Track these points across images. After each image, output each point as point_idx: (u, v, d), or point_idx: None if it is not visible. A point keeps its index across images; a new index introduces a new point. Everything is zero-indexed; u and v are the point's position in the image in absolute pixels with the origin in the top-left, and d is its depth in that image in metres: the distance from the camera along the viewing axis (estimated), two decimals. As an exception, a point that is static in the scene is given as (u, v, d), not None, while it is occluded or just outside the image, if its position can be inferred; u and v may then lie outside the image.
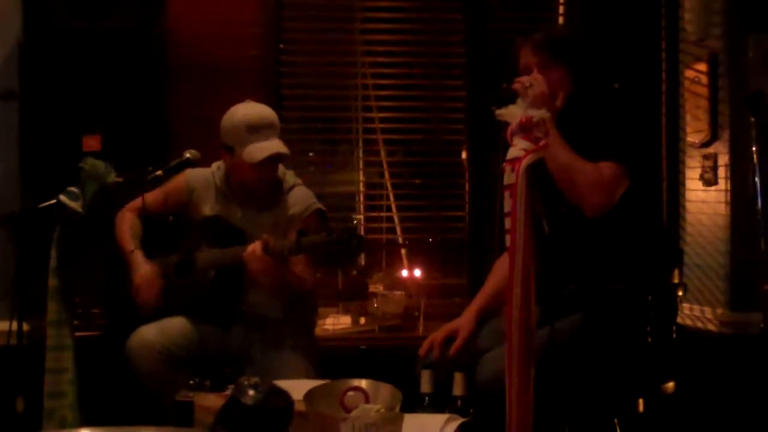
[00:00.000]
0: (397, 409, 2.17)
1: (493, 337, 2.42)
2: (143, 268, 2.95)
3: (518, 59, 2.53)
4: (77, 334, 2.90)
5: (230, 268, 2.84)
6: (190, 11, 3.98)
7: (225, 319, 2.95)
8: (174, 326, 2.90)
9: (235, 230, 2.90)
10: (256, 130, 2.89)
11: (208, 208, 3.03)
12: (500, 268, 2.61)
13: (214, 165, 3.08)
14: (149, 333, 2.85)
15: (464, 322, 2.56)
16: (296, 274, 2.85)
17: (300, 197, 3.01)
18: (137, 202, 3.00)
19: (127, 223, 3.04)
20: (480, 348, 2.46)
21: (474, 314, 2.57)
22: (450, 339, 2.53)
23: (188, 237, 3.01)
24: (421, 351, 2.56)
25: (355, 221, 2.70)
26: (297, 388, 2.30)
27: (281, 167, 3.08)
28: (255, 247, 2.71)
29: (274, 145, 2.88)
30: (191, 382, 2.39)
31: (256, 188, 2.98)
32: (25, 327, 2.86)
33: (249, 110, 2.94)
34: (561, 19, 4.23)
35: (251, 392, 1.84)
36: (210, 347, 2.93)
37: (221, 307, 2.94)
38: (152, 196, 3.01)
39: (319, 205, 3.03)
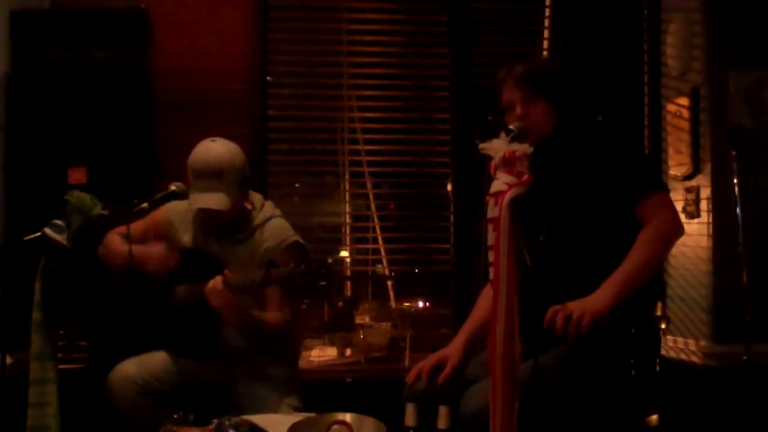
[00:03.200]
0: (382, 443, 2.17)
1: (482, 368, 2.42)
2: (150, 246, 2.94)
3: (500, 93, 2.54)
4: (61, 367, 2.88)
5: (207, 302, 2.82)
6: (176, 44, 4.02)
7: (205, 352, 2.94)
8: (154, 360, 2.89)
9: (215, 262, 2.89)
10: (198, 176, 2.87)
11: (186, 241, 3.02)
12: (485, 298, 2.62)
13: None
14: (130, 367, 2.84)
15: (452, 350, 2.55)
16: (270, 312, 2.85)
17: (275, 230, 2.98)
18: (120, 229, 2.98)
19: (115, 238, 3.01)
20: (468, 378, 2.46)
21: (462, 343, 2.57)
22: (438, 368, 2.53)
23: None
24: (409, 378, 2.55)
25: (330, 260, 2.67)
26: (282, 422, 2.30)
27: (259, 198, 3.09)
28: (215, 282, 2.70)
29: (207, 200, 2.84)
30: (175, 416, 2.38)
31: (211, 227, 2.98)
32: (8, 360, 2.84)
33: (199, 154, 2.90)
34: (545, 53, 4.28)
35: (231, 432, 1.83)
36: (191, 381, 2.91)
37: (200, 340, 2.92)
38: (135, 227, 2.99)
39: (296, 238, 2.98)
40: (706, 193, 3.77)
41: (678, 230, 2.42)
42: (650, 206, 2.39)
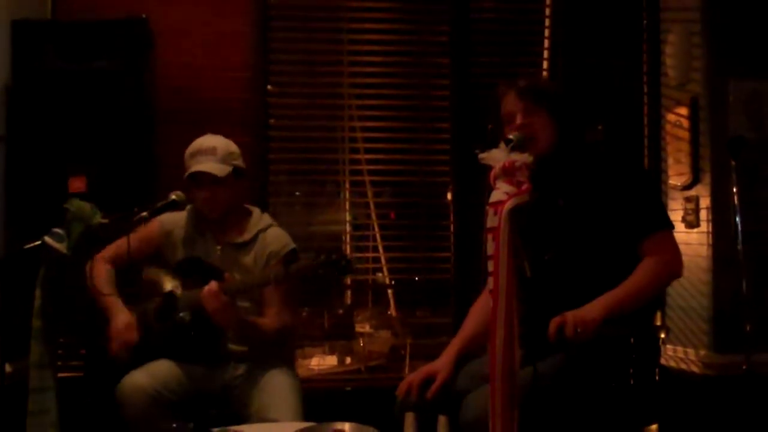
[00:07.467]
0: (380, 452, 2.17)
1: (471, 380, 2.42)
2: (120, 317, 2.94)
3: (501, 104, 2.55)
4: (60, 375, 2.87)
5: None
6: (177, 54, 4.03)
7: (208, 359, 2.94)
8: (162, 369, 2.90)
9: (215, 270, 2.90)
10: (193, 156, 2.97)
11: (187, 249, 3.03)
12: (476, 312, 2.62)
13: (188, 207, 3.09)
14: (141, 377, 2.84)
15: (442, 364, 2.55)
16: (269, 316, 2.86)
17: (277, 236, 3.05)
18: (108, 251, 3.03)
19: (101, 271, 3.02)
20: (458, 390, 2.45)
21: (452, 357, 2.56)
22: (428, 381, 2.53)
23: (168, 280, 3.01)
24: (399, 392, 2.54)
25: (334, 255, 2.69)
26: (281, 431, 2.30)
27: (257, 209, 3.12)
28: (211, 286, 2.72)
29: (202, 166, 2.93)
30: (174, 425, 2.37)
31: (206, 214, 3.01)
32: (8, 368, 2.84)
33: (195, 141, 3.02)
34: (545, 64, 4.30)
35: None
36: (198, 388, 2.92)
37: (202, 347, 2.93)
38: (123, 244, 2.96)
39: (294, 246, 3.06)
40: (705, 202, 3.77)
41: (679, 269, 2.45)
42: (655, 244, 2.40)
